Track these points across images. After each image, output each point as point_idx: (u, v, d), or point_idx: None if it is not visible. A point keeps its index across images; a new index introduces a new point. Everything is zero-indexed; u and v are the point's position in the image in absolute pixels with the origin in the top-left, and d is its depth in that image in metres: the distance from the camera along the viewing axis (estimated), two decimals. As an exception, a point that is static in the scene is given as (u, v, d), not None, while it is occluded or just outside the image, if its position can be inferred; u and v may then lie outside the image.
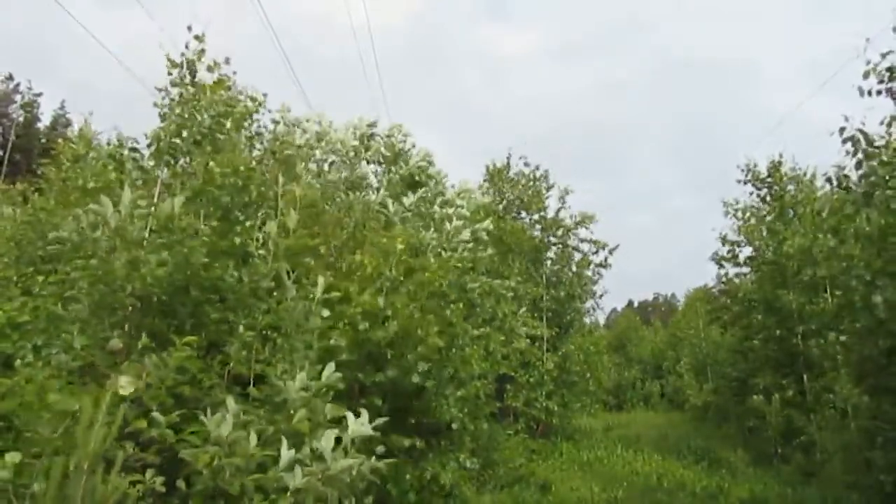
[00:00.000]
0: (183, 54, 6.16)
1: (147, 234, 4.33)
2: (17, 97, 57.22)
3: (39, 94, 59.34)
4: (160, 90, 6.15)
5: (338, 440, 3.86)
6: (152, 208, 4.45)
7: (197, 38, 6.14)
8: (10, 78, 55.94)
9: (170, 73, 6.18)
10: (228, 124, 6.13)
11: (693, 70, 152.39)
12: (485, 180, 18.85)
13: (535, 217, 18.95)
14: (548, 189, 18.97)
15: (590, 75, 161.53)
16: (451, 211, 9.71)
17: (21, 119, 55.50)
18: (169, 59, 6.12)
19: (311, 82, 51.95)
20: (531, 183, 18.87)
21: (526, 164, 19.03)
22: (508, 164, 19.02)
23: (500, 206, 18.44)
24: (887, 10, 7.35)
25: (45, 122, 59.08)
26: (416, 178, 10.92)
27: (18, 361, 4.00)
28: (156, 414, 3.41)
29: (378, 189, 10.37)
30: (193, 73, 6.17)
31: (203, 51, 6.17)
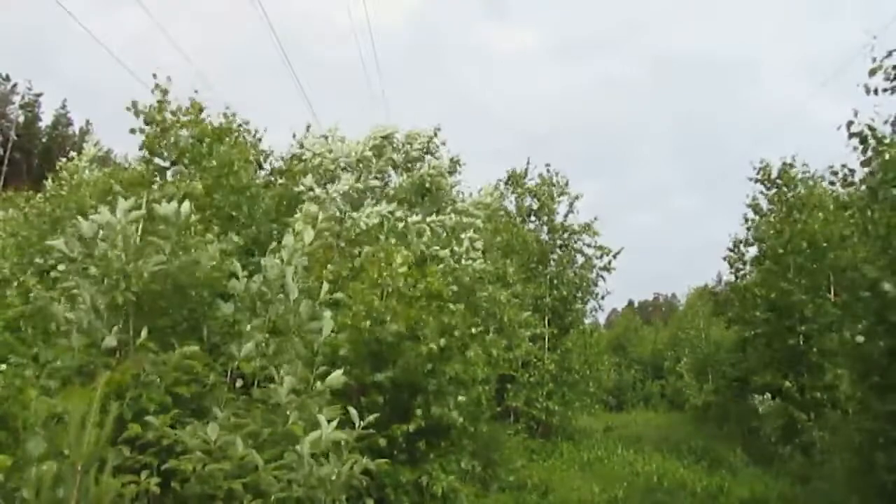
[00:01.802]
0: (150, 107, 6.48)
1: (139, 236, 4.35)
2: (16, 98, 57.07)
3: (40, 95, 59.17)
4: (133, 131, 6.48)
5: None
6: (154, 209, 4.46)
7: (158, 86, 6.51)
8: (7, 78, 55.93)
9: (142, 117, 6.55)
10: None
11: (693, 70, 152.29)
12: (506, 183, 19.33)
13: (544, 220, 19.28)
14: (560, 195, 19.27)
15: (590, 75, 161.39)
16: (464, 220, 9.86)
17: (21, 119, 55.58)
18: (133, 107, 6.46)
19: (311, 82, 52.06)
20: (545, 187, 19.15)
21: (548, 170, 19.44)
22: (527, 170, 19.50)
23: (513, 209, 18.86)
24: (888, 8, 7.38)
25: (45, 121, 58.93)
26: (427, 185, 11.08)
27: (14, 360, 3.99)
28: (150, 417, 3.41)
29: (388, 195, 10.50)
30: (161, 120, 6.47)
31: (162, 102, 6.49)
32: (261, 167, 10.09)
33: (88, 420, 2.18)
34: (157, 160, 6.25)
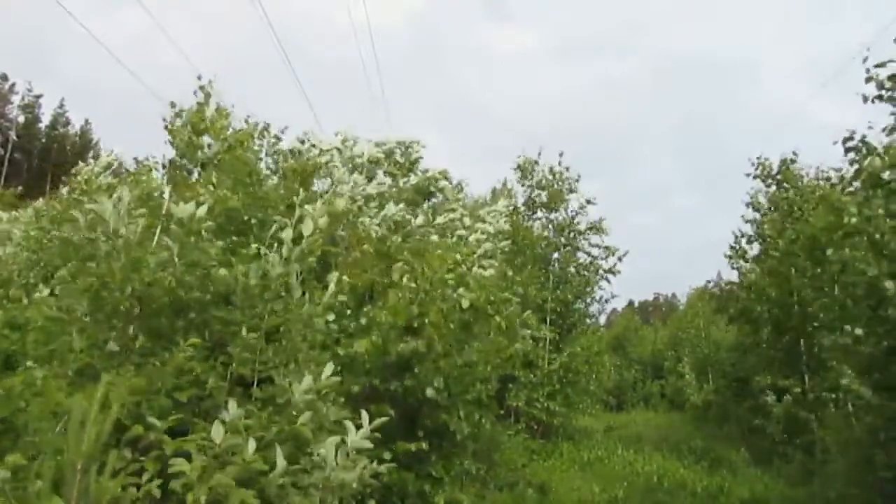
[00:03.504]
0: (182, 112, 6.38)
1: (156, 236, 4.30)
2: (15, 97, 57.23)
3: (39, 96, 59.38)
4: (168, 128, 6.37)
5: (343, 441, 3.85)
6: (171, 209, 4.42)
7: (202, 88, 6.37)
8: (6, 78, 56.08)
9: (178, 115, 6.40)
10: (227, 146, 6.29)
11: (693, 70, 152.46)
12: (515, 170, 19.21)
13: (551, 216, 19.21)
14: (569, 192, 19.20)
15: (590, 75, 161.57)
16: (478, 224, 9.89)
17: (21, 119, 55.71)
18: (173, 107, 6.32)
19: (311, 82, 52.04)
20: (555, 181, 19.05)
21: (560, 162, 19.20)
22: (538, 159, 19.26)
23: (521, 203, 18.80)
24: (888, 9, 7.45)
25: (45, 122, 59.09)
26: (431, 188, 11.14)
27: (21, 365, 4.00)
28: (152, 419, 3.39)
29: (391, 197, 10.52)
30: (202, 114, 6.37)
31: (209, 96, 6.37)
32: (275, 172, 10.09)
33: (88, 419, 2.19)
34: (185, 162, 6.17)
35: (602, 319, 28.70)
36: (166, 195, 4.73)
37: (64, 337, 3.95)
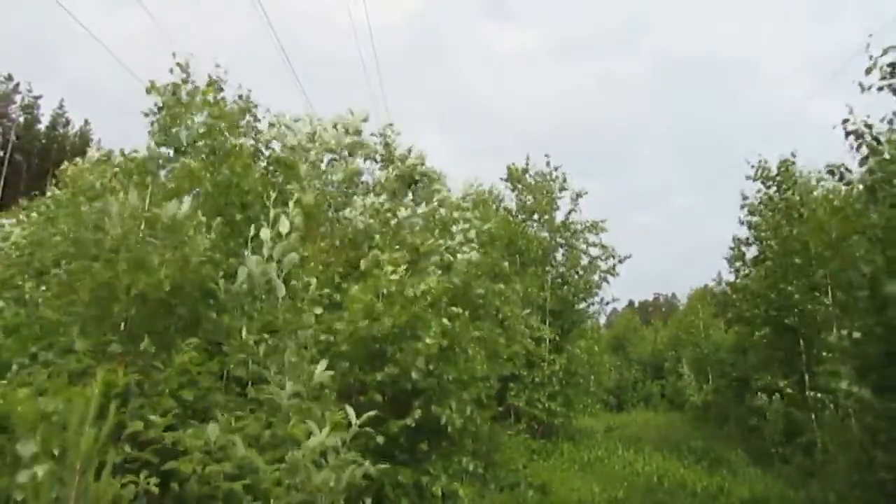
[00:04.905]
0: (165, 86, 6.31)
1: (142, 235, 4.30)
2: (17, 97, 57.27)
3: (39, 97, 59.43)
4: (146, 114, 6.32)
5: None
6: (150, 209, 4.43)
7: (180, 65, 6.34)
8: (10, 78, 56.11)
9: (158, 93, 6.35)
10: (222, 125, 6.22)
11: (693, 70, 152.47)
12: (504, 180, 19.23)
13: (545, 217, 19.07)
14: (561, 191, 19.04)
15: (590, 75, 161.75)
16: (456, 214, 9.83)
17: (21, 120, 55.73)
18: (152, 86, 6.26)
19: (311, 81, 52.11)
20: (545, 183, 18.96)
21: (548, 164, 19.11)
22: (527, 166, 19.23)
23: (514, 208, 18.74)
24: (888, 8, 7.38)
25: (45, 123, 59.15)
26: (414, 176, 11.06)
27: (14, 367, 3.97)
28: (153, 416, 3.40)
29: (374, 188, 10.44)
30: (179, 97, 6.33)
31: (185, 80, 6.35)
32: (261, 154, 9.92)
33: (86, 420, 2.18)
34: (163, 149, 6.12)
35: (602, 320, 28.70)
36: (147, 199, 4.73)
37: (63, 338, 3.95)
